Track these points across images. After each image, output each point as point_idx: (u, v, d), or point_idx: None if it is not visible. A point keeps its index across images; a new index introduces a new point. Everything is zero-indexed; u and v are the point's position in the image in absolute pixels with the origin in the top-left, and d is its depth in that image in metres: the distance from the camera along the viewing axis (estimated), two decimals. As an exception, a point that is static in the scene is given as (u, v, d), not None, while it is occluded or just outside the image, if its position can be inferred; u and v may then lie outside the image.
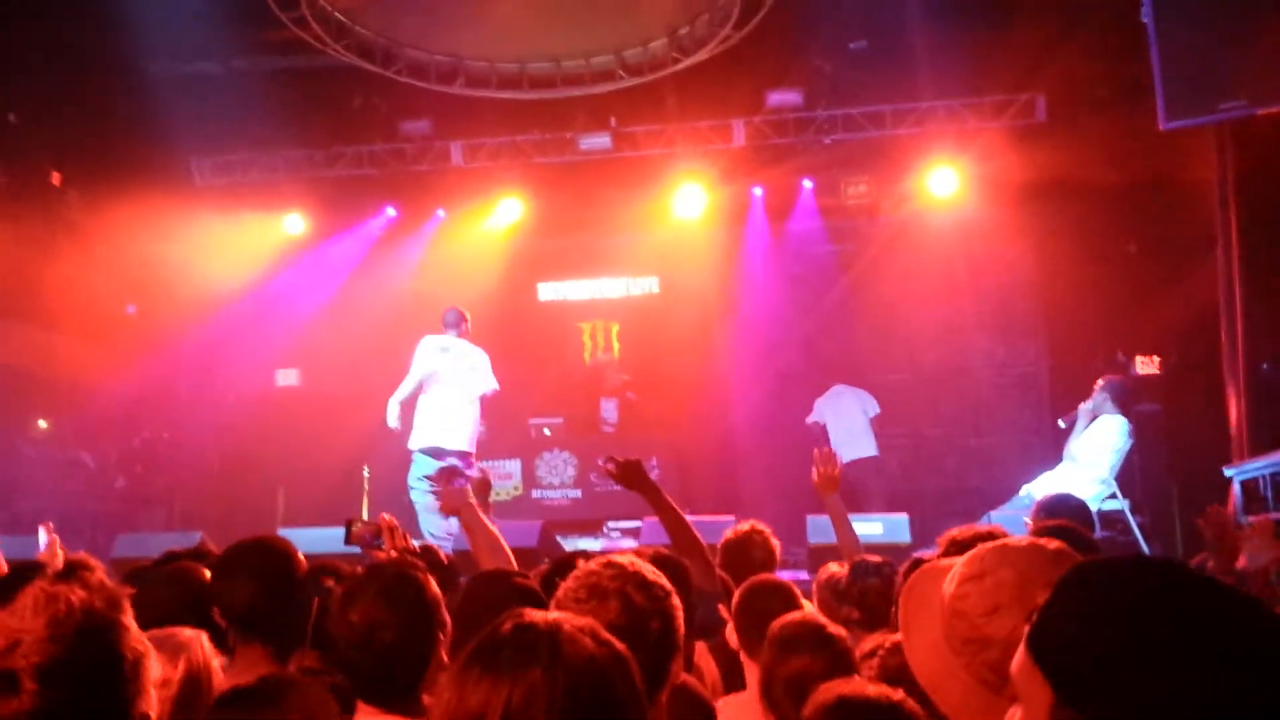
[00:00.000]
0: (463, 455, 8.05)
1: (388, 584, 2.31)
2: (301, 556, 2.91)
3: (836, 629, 2.67)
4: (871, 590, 3.56)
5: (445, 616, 2.38)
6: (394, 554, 3.24)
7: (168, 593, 2.98)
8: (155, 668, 1.49)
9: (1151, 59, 6.44)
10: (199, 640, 2.20)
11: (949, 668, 1.46)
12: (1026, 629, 1.11)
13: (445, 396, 8.03)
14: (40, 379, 10.04)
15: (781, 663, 2.53)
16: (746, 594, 3.24)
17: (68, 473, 9.95)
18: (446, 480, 7.61)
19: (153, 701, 1.49)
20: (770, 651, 2.58)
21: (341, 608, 2.30)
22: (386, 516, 3.46)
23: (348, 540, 3.46)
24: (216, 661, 2.27)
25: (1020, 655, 1.10)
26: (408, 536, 3.50)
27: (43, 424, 10.50)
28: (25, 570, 3.00)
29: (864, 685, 2.02)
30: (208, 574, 3.08)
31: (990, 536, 2.63)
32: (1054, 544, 1.55)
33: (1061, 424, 8.04)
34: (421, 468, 7.94)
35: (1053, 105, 9.64)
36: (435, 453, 7.94)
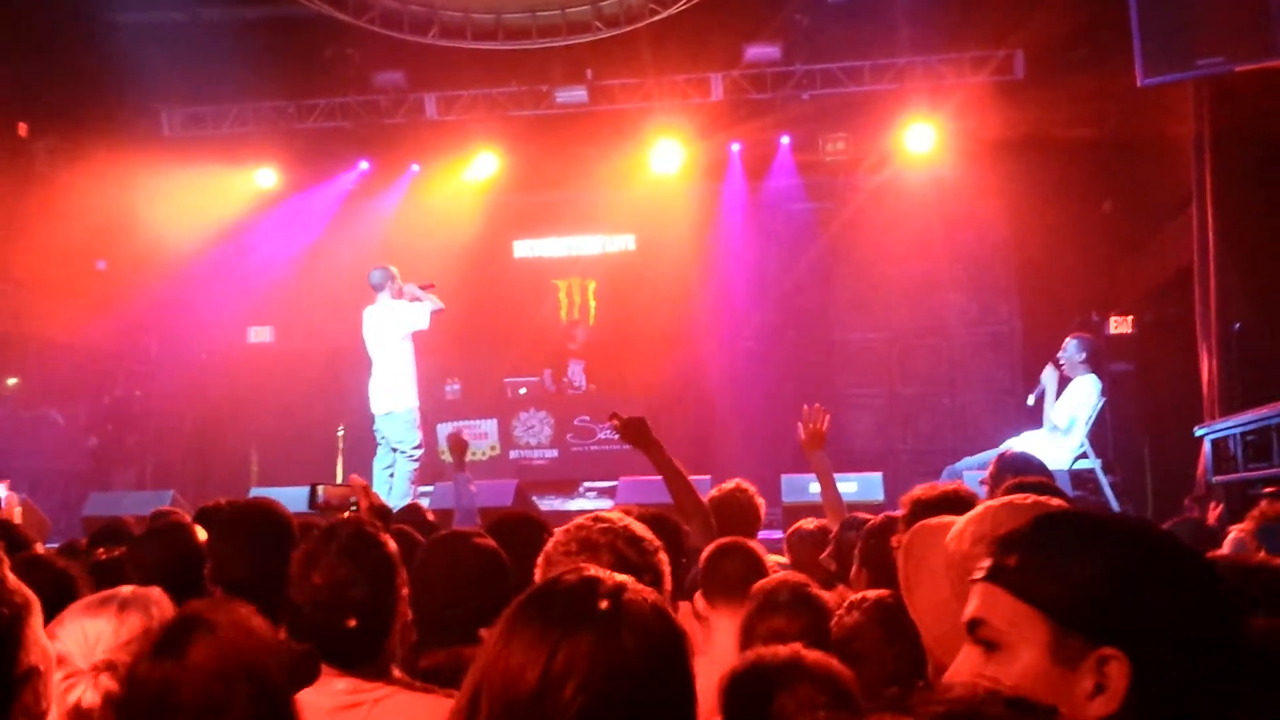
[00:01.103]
0: (385, 416, 8.30)
1: (348, 543, 2.28)
2: (293, 523, 2.91)
3: (820, 592, 2.68)
4: (848, 544, 3.59)
5: (405, 574, 2.36)
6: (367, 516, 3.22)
7: (158, 552, 2.97)
8: (39, 619, 1.42)
9: (1130, 14, 6.41)
10: (164, 600, 2.17)
11: (958, 626, 1.48)
12: (997, 577, 1.21)
13: (374, 364, 8.41)
14: (8, 335, 9.91)
15: (761, 620, 2.54)
16: (713, 555, 3.27)
17: (38, 431, 9.85)
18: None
19: (46, 653, 1.45)
20: (752, 609, 2.59)
21: (303, 569, 2.26)
22: (357, 478, 3.43)
23: (313, 504, 3.40)
24: None
25: (1001, 601, 1.19)
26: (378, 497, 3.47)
27: (11, 381, 10.38)
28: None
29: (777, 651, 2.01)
30: (201, 535, 3.07)
31: (955, 496, 2.66)
32: (1056, 501, 1.60)
33: (1031, 401, 8.06)
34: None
35: (1031, 61, 9.58)
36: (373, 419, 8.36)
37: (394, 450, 8.22)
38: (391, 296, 8.40)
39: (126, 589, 1.97)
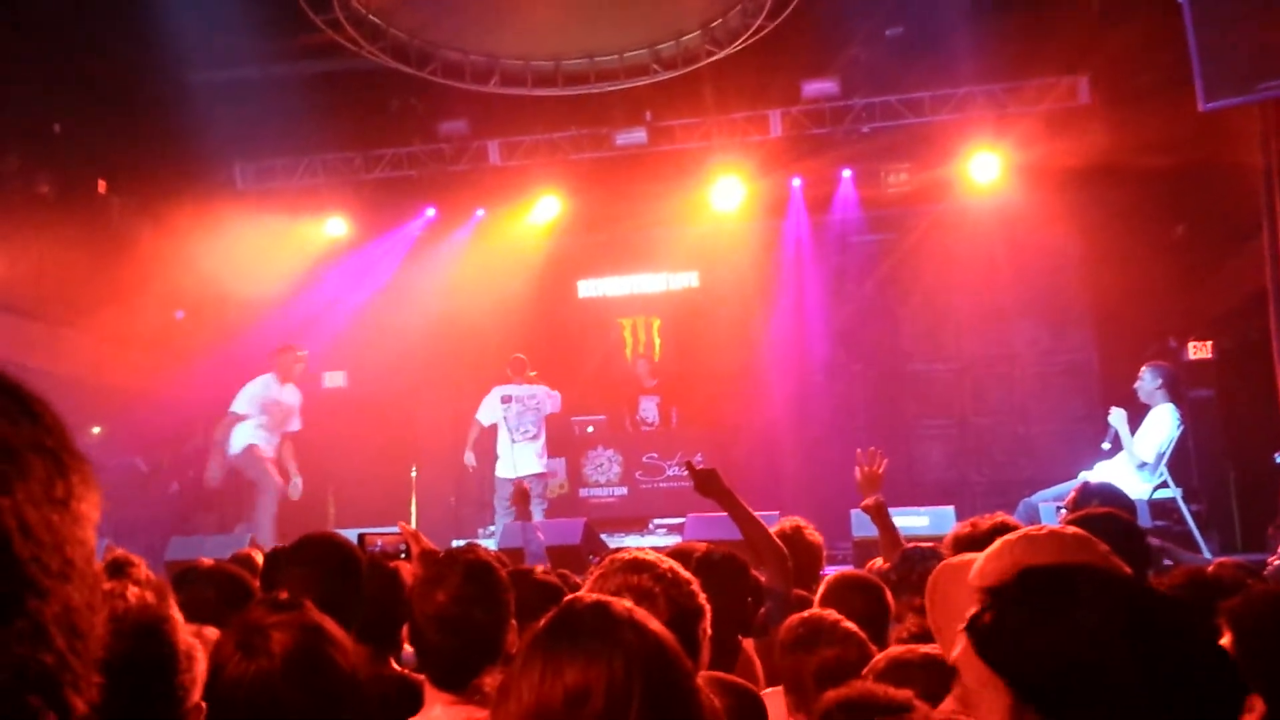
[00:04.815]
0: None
1: (470, 567, 2.33)
2: (359, 551, 2.96)
3: (849, 624, 2.67)
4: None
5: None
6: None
7: (215, 592, 3.04)
8: (202, 661, 1.51)
9: (1188, 39, 6.33)
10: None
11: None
12: (971, 632, 1.18)
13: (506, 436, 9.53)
14: (92, 386, 10.21)
15: (808, 657, 2.53)
16: (831, 589, 3.29)
17: (122, 478, 10.12)
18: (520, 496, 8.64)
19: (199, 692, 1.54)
20: (793, 649, 2.58)
21: (426, 590, 2.30)
22: (406, 525, 3.49)
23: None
24: None
25: (974, 658, 1.16)
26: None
27: (95, 430, 10.68)
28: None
29: (871, 687, 2.01)
30: (254, 575, 3.14)
31: (1002, 528, 2.61)
32: (1072, 530, 1.56)
33: (1106, 445, 7.86)
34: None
35: (1095, 89, 9.47)
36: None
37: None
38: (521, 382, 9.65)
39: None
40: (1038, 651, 1.09)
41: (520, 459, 9.37)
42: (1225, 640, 1.63)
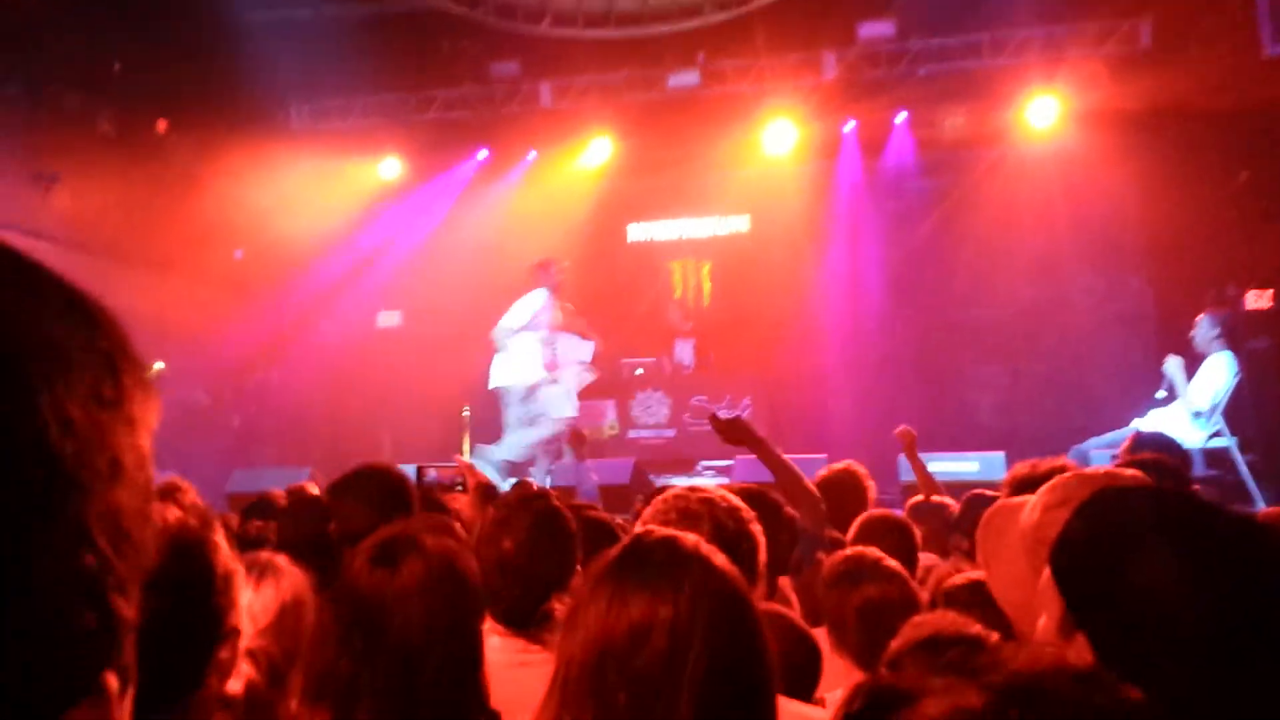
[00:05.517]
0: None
1: (539, 515, 2.38)
2: (413, 483, 3.06)
3: (893, 561, 2.72)
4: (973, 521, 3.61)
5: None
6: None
7: (293, 527, 3.14)
8: (245, 585, 1.57)
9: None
10: (293, 568, 2.30)
11: (1037, 598, 1.51)
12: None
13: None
14: (155, 322, 10.43)
15: (851, 594, 2.59)
16: (863, 529, 3.36)
17: (185, 412, 10.38)
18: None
19: (242, 617, 1.56)
20: (837, 585, 2.63)
21: (495, 532, 2.36)
22: (462, 459, 3.58)
23: (418, 486, 3.55)
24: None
25: (1046, 570, 1.21)
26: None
27: (159, 365, 10.95)
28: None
29: (953, 619, 2.05)
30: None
31: (1062, 470, 2.63)
32: (1130, 472, 1.58)
33: (1161, 394, 7.79)
34: None
35: (1157, 33, 9.25)
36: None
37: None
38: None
39: (263, 556, 2.11)
40: (1074, 557, 1.16)
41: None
42: None
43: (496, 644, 2.23)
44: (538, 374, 8.86)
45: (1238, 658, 1.05)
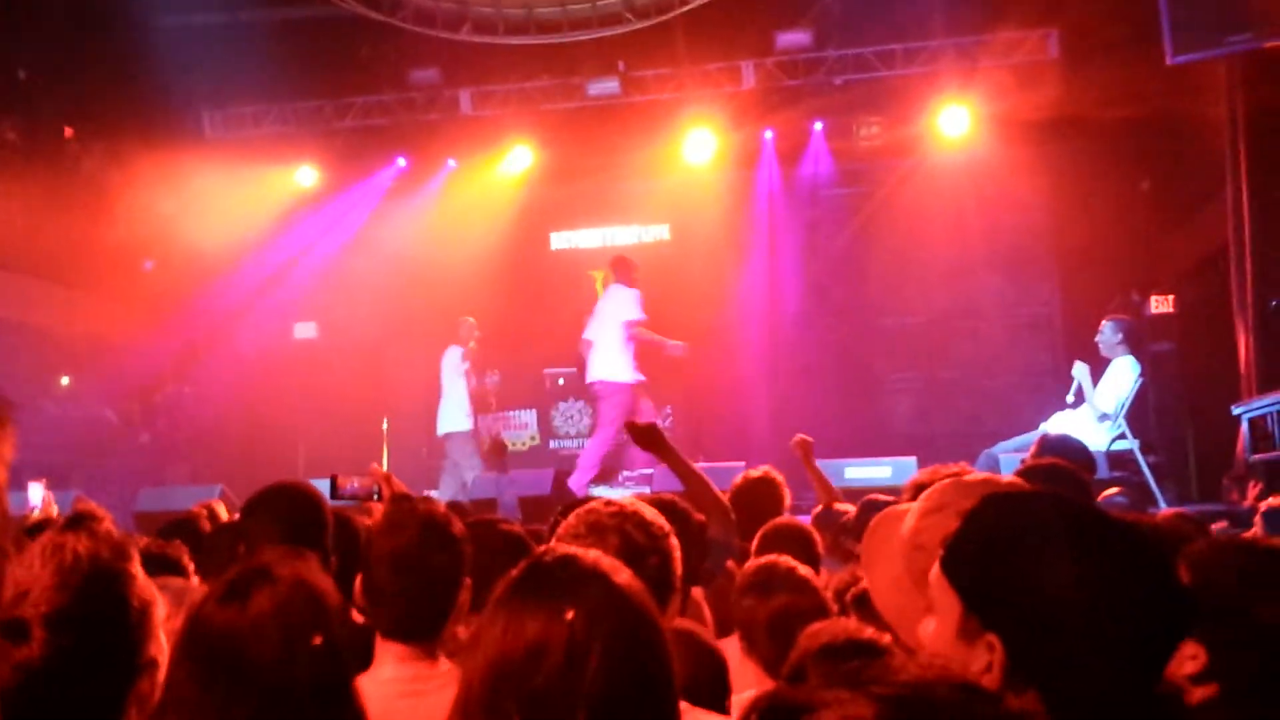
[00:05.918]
0: None
1: (428, 516, 2.32)
2: (327, 499, 3.00)
3: (805, 570, 2.74)
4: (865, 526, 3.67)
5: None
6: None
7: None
8: (162, 612, 1.51)
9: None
10: (195, 588, 2.25)
11: (913, 602, 1.53)
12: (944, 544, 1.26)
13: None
14: (60, 336, 10.16)
15: (762, 603, 2.60)
16: (766, 538, 3.38)
17: (91, 429, 10.10)
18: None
19: (162, 646, 1.52)
20: (748, 594, 2.65)
21: (385, 536, 2.29)
22: (377, 468, 3.55)
23: (334, 495, 3.49)
24: None
25: (935, 570, 1.26)
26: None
27: (64, 381, 10.64)
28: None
29: (845, 625, 2.08)
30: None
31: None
32: (1006, 479, 1.63)
33: (1070, 399, 8.00)
34: None
35: (1065, 43, 9.51)
36: None
37: None
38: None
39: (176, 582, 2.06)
40: (974, 562, 1.20)
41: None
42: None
43: (388, 674, 2.17)
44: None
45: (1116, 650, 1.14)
